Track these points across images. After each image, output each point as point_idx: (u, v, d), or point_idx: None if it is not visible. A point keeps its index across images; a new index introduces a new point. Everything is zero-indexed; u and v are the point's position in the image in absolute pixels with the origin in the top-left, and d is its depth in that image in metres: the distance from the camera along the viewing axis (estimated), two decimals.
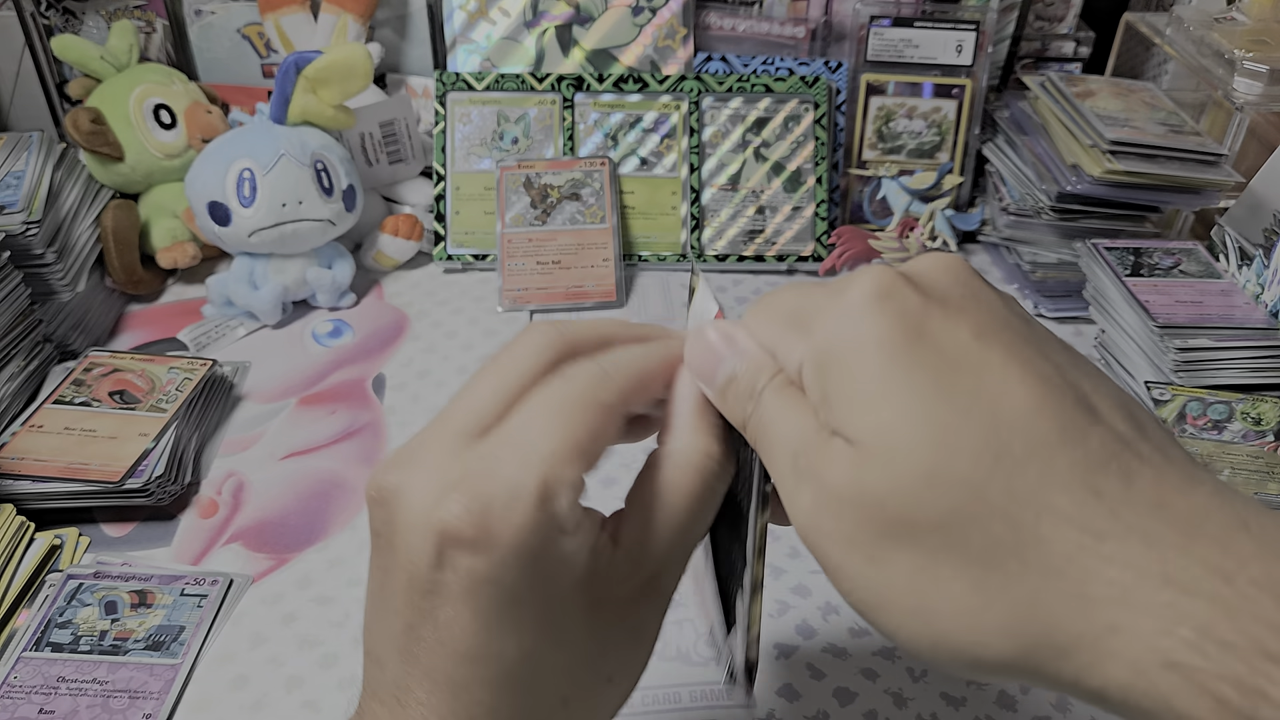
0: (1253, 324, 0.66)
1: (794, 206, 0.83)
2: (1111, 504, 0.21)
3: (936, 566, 0.22)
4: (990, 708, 0.47)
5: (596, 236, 0.79)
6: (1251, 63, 0.72)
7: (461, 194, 0.82)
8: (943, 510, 0.21)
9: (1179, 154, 0.73)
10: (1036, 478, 0.21)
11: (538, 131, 0.83)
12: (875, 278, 0.24)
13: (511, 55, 0.86)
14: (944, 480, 0.21)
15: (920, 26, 0.83)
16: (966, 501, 0.21)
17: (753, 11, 0.87)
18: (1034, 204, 0.78)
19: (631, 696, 0.42)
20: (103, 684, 0.47)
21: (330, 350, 0.73)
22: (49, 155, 0.73)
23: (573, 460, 0.25)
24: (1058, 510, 0.21)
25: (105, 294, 0.75)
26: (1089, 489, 0.21)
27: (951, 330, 0.23)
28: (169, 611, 0.51)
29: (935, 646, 0.22)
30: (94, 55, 0.79)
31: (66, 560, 0.55)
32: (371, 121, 0.81)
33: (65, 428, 0.59)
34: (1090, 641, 0.20)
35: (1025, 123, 0.83)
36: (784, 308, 0.27)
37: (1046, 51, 0.92)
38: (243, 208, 0.70)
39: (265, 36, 0.87)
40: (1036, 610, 0.21)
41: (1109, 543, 0.20)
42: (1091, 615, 0.20)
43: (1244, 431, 0.61)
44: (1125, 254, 0.73)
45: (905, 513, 0.22)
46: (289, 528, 0.57)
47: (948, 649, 0.22)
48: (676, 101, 0.83)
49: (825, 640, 0.50)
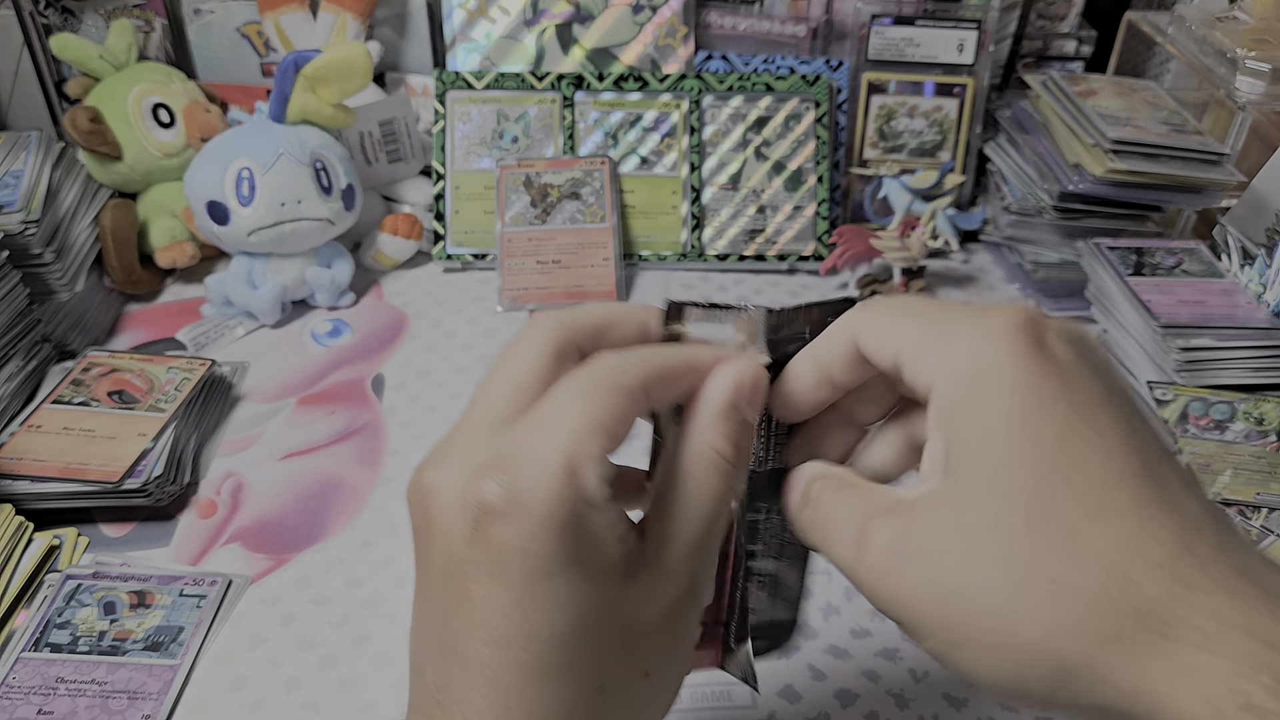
0: (1255, 324, 0.66)
1: (795, 206, 0.83)
2: (1202, 561, 0.22)
3: (1022, 599, 0.23)
4: (992, 709, 0.47)
5: (596, 236, 0.79)
6: (1253, 62, 0.72)
7: (461, 193, 0.82)
8: (1036, 549, 0.23)
9: (1181, 153, 0.73)
10: (1135, 529, 0.22)
11: (538, 130, 0.83)
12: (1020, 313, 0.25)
13: (511, 54, 0.86)
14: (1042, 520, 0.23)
15: (922, 25, 0.82)
16: (1063, 545, 0.23)
17: (754, 10, 0.86)
18: (1036, 203, 0.78)
19: None
20: (101, 684, 0.47)
21: (329, 350, 0.72)
22: (47, 154, 0.72)
23: (595, 436, 0.26)
24: (1151, 558, 0.22)
25: (104, 294, 0.75)
26: (1183, 545, 0.22)
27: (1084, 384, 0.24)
28: (168, 612, 0.51)
29: (1018, 679, 0.23)
30: (93, 54, 0.78)
31: (65, 560, 0.54)
32: (371, 120, 0.81)
33: (64, 428, 0.59)
34: (1168, 679, 0.21)
35: (1027, 122, 0.82)
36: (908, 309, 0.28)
37: (1048, 50, 0.92)
38: (241, 207, 0.70)
39: (264, 35, 0.86)
40: (1120, 644, 0.22)
41: (1197, 593, 0.22)
42: (1174, 655, 0.21)
43: (1246, 431, 0.61)
44: (1127, 253, 0.73)
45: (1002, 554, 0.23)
46: (288, 528, 0.57)
47: (1028, 681, 0.23)
48: (677, 100, 0.83)
49: (826, 641, 0.50)
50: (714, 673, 0.46)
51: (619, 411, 0.27)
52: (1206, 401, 0.62)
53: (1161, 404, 0.63)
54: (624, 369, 0.27)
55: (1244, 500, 0.56)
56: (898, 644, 0.50)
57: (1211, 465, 0.58)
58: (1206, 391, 0.63)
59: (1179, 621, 0.21)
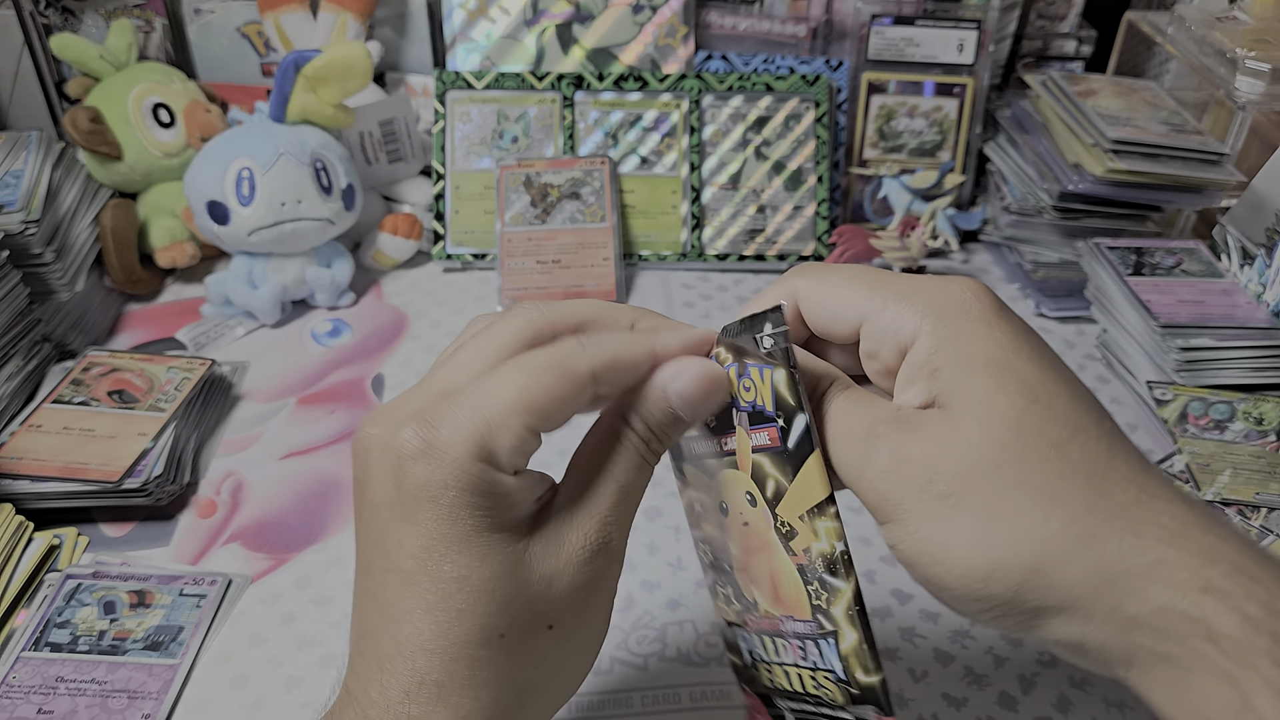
0: (1254, 324, 0.66)
1: (795, 205, 0.83)
2: (1158, 478, 0.26)
3: (1006, 503, 0.26)
4: (991, 708, 0.47)
5: (596, 236, 0.79)
6: (1253, 62, 0.72)
7: (461, 193, 0.82)
8: (1027, 458, 0.26)
9: (1181, 153, 0.73)
10: (1105, 450, 0.26)
11: (537, 130, 0.83)
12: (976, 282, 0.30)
13: (511, 54, 0.86)
14: (1031, 434, 0.26)
15: (922, 25, 0.82)
16: (1050, 455, 0.26)
17: (753, 10, 0.86)
18: (1035, 203, 0.78)
19: (631, 697, 0.42)
20: (101, 684, 0.47)
21: (329, 350, 0.72)
22: (48, 154, 0.72)
23: (522, 411, 0.28)
24: (1120, 472, 0.26)
25: (104, 293, 0.75)
26: (1142, 465, 0.26)
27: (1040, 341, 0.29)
28: (168, 611, 0.51)
29: (988, 578, 0.26)
30: (93, 54, 0.78)
31: (65, 560, 0.54)
32: (371, 120, 0.81)
33: (64, 427, 0.59)
34: (1140, 571, 0.25)
35: (1027, 121, 0.82)
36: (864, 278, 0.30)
37: (1048, 50, 0.92)
38: (242, 207, 0.70)
39: (264, 35, 0.86)
40: (1094, 543, 0.25)
41: (1159, 501, 0.25)
42: (1144, 550, 0.25)
43: (1246, 431, 0.61)
44: (1127, 253, 0.73)
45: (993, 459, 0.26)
46: (288, 528, 0.57)
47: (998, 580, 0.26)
48: (677, 100, 0.83)
49: None
50: (713, 672, 0.46)
51: (557, 393, 0.28)
52: (1206, 401, 0.62)
53: (1161, 404, 0.63)
54: (577, 355, 0.29)
55: (1243, 500, 0.56)
56: (897, 644, 0.50)
57: (1211, 465, 0.58)
58: (1206, 391, 0.63)
59: (1147, 522, 0.25)
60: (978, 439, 0.26)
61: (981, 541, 0.26)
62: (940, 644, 0.50)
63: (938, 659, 0.49)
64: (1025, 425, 0.26)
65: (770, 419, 0.30)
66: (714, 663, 0.49)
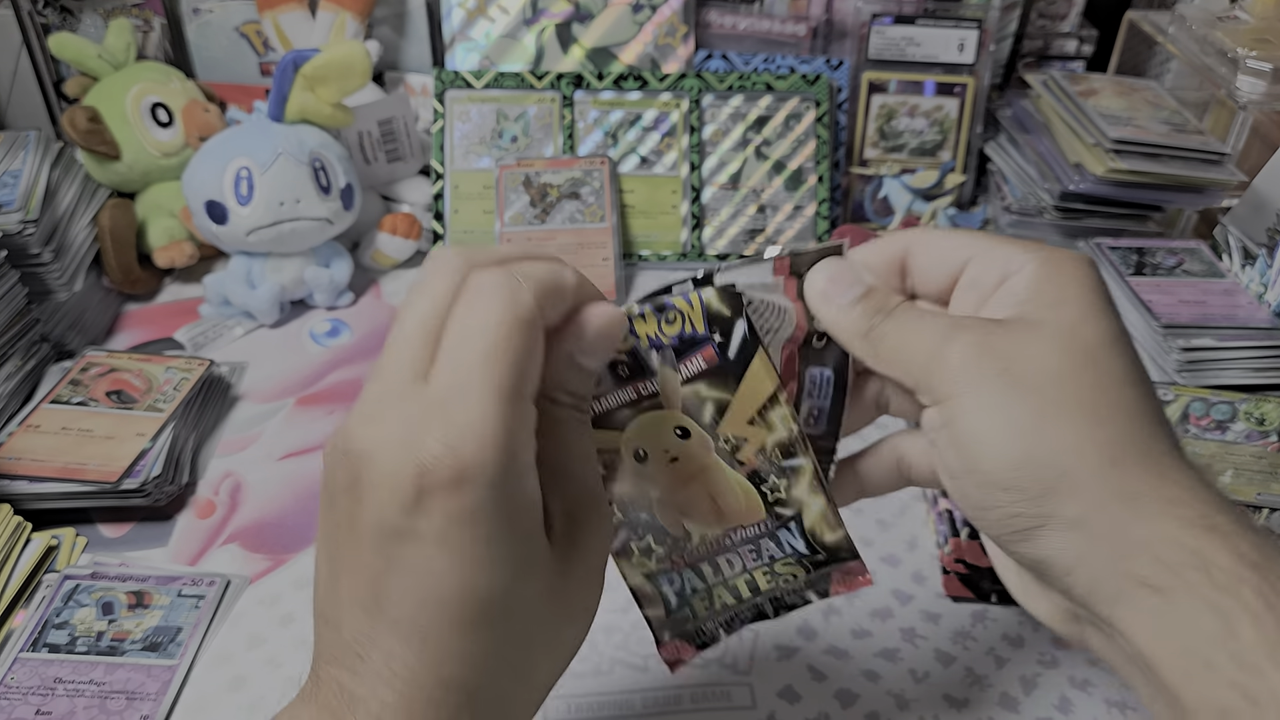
0: (1256, 324, 0.66)
1: (795, 205, 0.83)
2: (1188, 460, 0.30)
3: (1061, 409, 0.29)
4: (992, 709, 0.47)
5: (596, 235, 0.79)
6: (1254, 61, 0.72)
7: (460, 192, 0.82)
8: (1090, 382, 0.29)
9: (1182, 153, 0.73)
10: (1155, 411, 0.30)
11: (537, 130, 0.83)
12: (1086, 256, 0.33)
13: (510, 53, 0.85)
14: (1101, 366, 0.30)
15: (922, 24, 0.82)
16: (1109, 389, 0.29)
17: (754, 9, 0.86)
18: (1036, 203, 0.78)
19: (632, 699, 0.42)
20: (100, 685, 0.47)
21: (328, 350, 0.72)
22: (46, 154, 0.72)
23: (522, 394, 0.27)
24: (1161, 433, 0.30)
25: (102, 293, 0.75)
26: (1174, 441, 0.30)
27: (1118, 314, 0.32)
28: (166, 612, 0.51)
29: (1019, 469, 0.29)
30: (91, 53, 0.78)
31: (63, 561, 0.54)
32: (370, 120, 0.81)
33: (62, 427, 0.59)
34: (1157, 503, 0.28)
35: (1028, 121, 0.82)
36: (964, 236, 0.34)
37: (1049, 50, 0.92)
38: (240, 206, 0.70)
39: (263, 34, 0.86)
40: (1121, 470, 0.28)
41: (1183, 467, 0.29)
42: (1163, 488, 0.28)
43: (1247, 432, 0.60)
44: (1128, 253, 0.73)
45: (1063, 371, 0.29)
46: (287, 528, 0.57)
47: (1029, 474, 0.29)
48: (677, 99, 0.83)
49: (827, 642, 0.50)
50: (713, 672, 0.46)
51: (530, 350, 0.27)
52: (1207, 402, 0.62)
53: (1162, 404, 0.62)
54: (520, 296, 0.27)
55: (1244, 500, 0.56)
56: (898, 644, 0.50)
57: (1212, 465, 0.58)
58: (1207, 392, 0.63)
59: (1170, 470, 0.29)
60: (1055, 350, 0.29)
61: (1028, 430, 0.29)
62: (941, 644, 0.50)
63: (938, 659, 0.49)
64: (1100, 358, 0.30)
65: (704, 340, 0.32)
66: (715, 664, 0.49)
